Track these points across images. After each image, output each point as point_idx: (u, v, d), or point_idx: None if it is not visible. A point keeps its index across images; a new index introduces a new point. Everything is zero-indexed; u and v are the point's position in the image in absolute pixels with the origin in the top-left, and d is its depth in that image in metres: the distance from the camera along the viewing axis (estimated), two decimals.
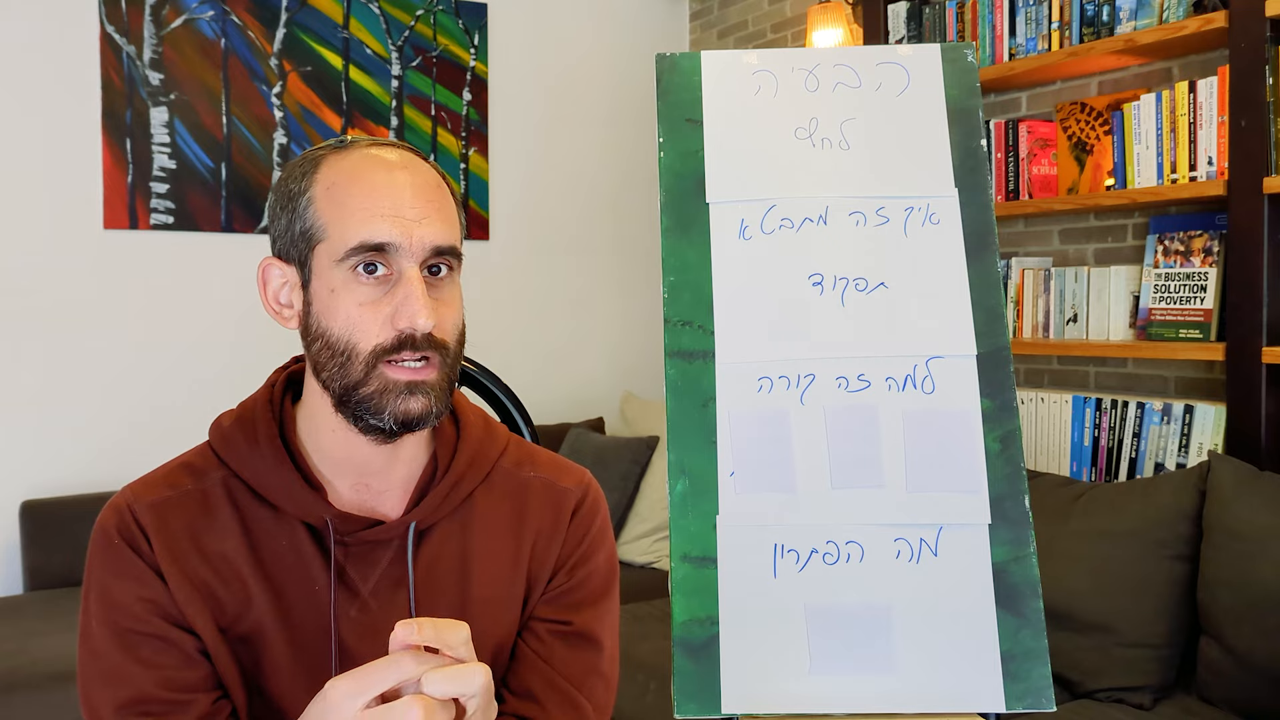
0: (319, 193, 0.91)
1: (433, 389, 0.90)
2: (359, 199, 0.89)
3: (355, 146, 0.93)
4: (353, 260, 0.88)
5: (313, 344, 0.92)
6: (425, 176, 0.93)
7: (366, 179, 0.90)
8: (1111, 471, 2.51)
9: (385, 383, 0.88)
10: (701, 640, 0.98)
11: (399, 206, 0.89)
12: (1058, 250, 2.82)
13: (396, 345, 0.88)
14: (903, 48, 1.14)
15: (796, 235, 1.07)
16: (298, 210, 0.91)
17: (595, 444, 3.56)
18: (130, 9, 3.19)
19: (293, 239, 0.92)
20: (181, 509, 0.94)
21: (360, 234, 0.88)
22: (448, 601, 0.97)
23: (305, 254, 0.91)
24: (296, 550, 0.94)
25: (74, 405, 3.14)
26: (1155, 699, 2.03)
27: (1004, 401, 1.02)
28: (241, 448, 0.95)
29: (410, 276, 0.88)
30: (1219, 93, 2.28)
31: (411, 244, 0.88)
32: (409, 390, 0.89)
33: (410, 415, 0.89)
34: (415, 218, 0.89)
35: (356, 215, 0.88)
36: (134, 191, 3.21)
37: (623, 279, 4.14)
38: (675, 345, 1.04)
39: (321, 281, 0.90)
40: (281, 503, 0.93)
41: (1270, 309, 2.21)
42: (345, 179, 0.90)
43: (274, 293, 0.95)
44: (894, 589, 0.98)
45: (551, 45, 3.98)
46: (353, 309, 0.88)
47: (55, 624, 2.62)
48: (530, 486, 1.03)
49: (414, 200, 0.90)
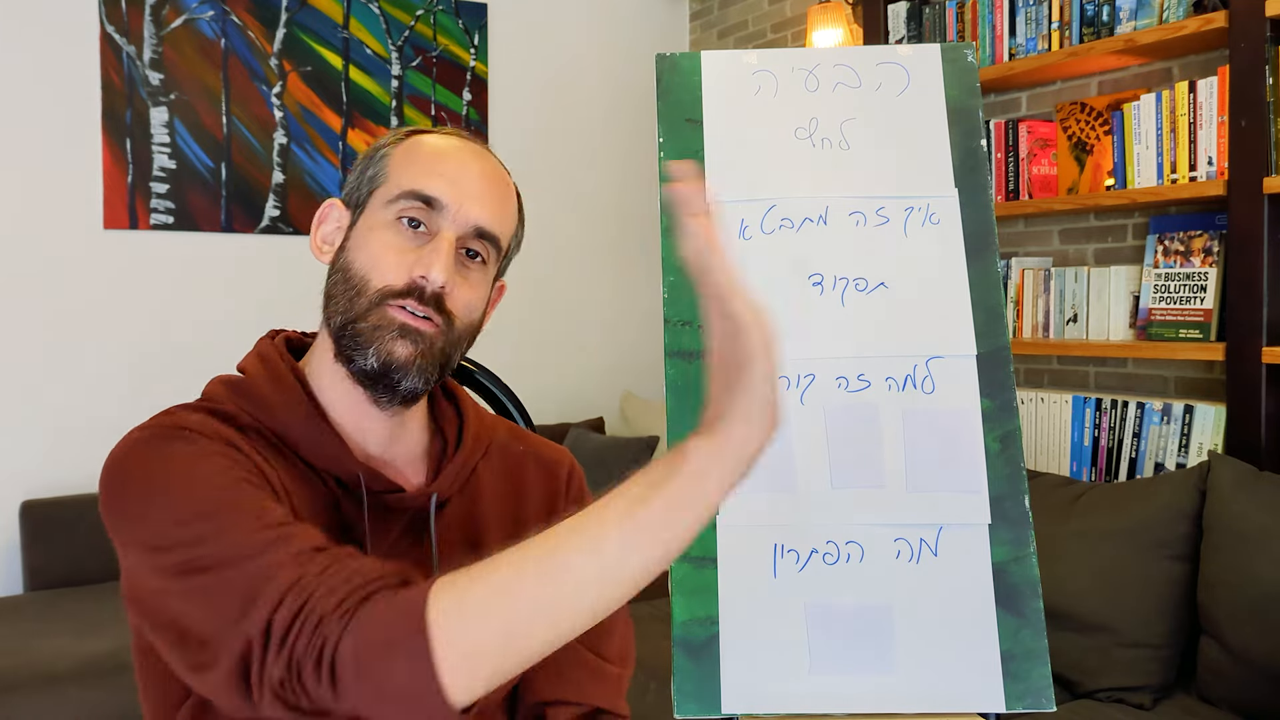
0: (400, 149, 0.96)
1: (424, 343, 0.90)
2: (428, 158, 0.94)
3: (452, 133, 0.99)
4: (400, 205, 0.92)
5: (333, 275, 0.94)
6: (497, 171, 0.98)
7: (444, 150, 0.96)
8: (1111, 471, 2.51)
9: (382, 319, 0.90)
10: (701, 640, 0.98)
11: (460, 176, 0.93)
12: (1058, 250, 2.82)
13: (405, 290, 0.90)
14: (903, 48, 1.14)
15: (796, 235, 1.07)
16: (374, 160, 0.97)
17: (595, 444, 3.56)
18: (130, 9, 3.19)
19: (360, 183, 0.97)
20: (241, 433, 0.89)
21: (416, 182, 0.92)
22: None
23: (365, 197, 0.96)
24: (317, 505, 0.90)
25: (74, 405, 3.14)
26: (1155, 699, 2.03)
27: (1004, 401, 1.02)
28: (266, 396, 0.92)
29: (444, 236, 0.91)
30: (1219, 93, 2.28)
31: (457, 212, 0.92)
32: (401, 333, 0.89)
33: (394, 357, 0.89)
34: (471, 192, 0.93)
35: (420, 168, 0.93)
36: (134, 191, 3.21)
37: (623, 279, 4.13)
38: (675, 345, 1.04)
39: (366, 220, 0.94)
40: (312, 455, 0.91)
41: (1270, 309, 2.21)
42: (427, 143, 0.96)
43: (324, 232, 0.98)
44: (894, 589, 0.98)
45: (551, 45, 3.98)
46: (380, 249, 0.91)
47: (55, 624, 2.62)
48: (524, 460, 1.07)
49: (477, 178, 0.95)
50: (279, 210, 3.43)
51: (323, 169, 3.50)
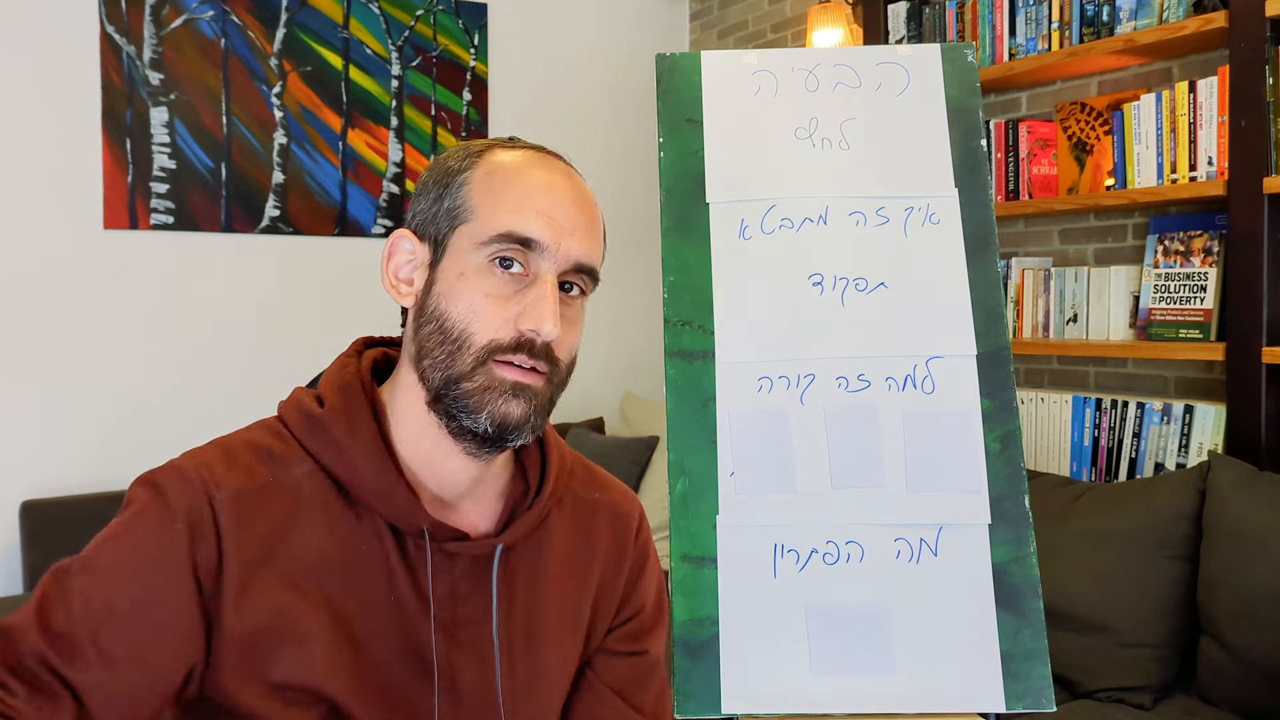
0: (478, 175, 0.88)
1: (536, 398, 0.86)
2: (518, 190, 0.86)
3: (520, 145, 0.92)
4: (494, 248, 0.84)
5: (424, 326, 0.87)
6: (584, 191, 0.91)
7: (530, 174, 0.88)
8: (1111, 471, 2.51)
9: (491, 379, 0.84)
10: (701, 640, 0.98)
11: (555, 209, 0.86)
12: (1058, 250, 2.82)
13: (514, 345, 0.84)
14: (903, 48, 1.14)
15: (796, 235, 1.07)
16: (450, 188, 0.88)
17: (595, 444, 3.56)
18: (130, 9, 3.19)
19: (436, 215, 0.88)
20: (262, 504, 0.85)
21: (511, 223, 0.84)
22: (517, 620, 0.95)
23: (445, 233, 0.87)
24: (380, 553, 0.88)
25: (74, 405, 3.14)
26: (1155, 699, 2.03)
27: (1004, 401, 1.02)
28: (341, 439, 0.87)
29: (546, 280, 0.85)
30: (1219, 93, 2.28)
31: (558, 250, 0.86)
32: (514, 392, 0.84)
33: (509, 419, 0.84)
34: (568, 226, 0.87)
35: (511, 204, 0.85)
36: (134, 191, 3.21)
37: (623, 279, 4.13)
38: (675, 345, 1.04)
39: (454, 263, 0.86)
40: (378, 505, 0.87)
41: (1270, 309, 2.21)
42: (508, 169, 0.88)
43: (397, 266, 0.90)
44: (894, 589, 0.98)
45: (551, 45, 3.98)
46: (478, 297, 0.84)
47: None
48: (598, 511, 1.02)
49: (571, 208, 0.87)
50: (279, 210, 3.43)
51: (323, 169, 3.50)
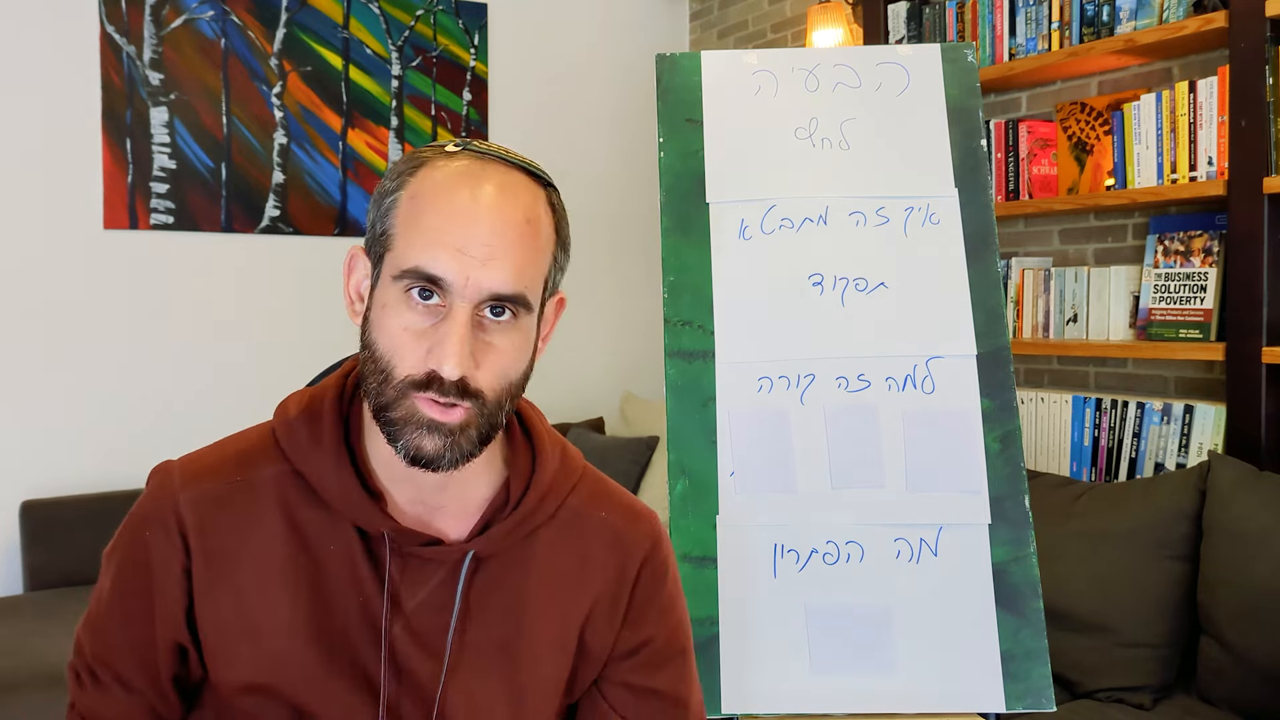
0: (404, 199, 0.86)
1: (454, 433, 0.84)
2: (431, 219, 0.84)
3: (460, 155, 0.88)
4: (407, 282, 0.84)
5: (364, 350, 0.89)
6: (514, 212, 0.85)
7: (448, 201, 0.84)
8: (1111, 471, 2.51)
9: (409, 412, 0.84)
10: (701, 640, 0.98)
11: (467, 241, 0.83)
12: (1058, 250, 2.82)
13: (426, 381, 0.83)
14: (903, 48, 1.14)
15: (797, 235, 1.07)
16: (382, 208, 0.88)
17: (595, 444, 3.56)
18: (130, 9, 3.19)
19: (374, 238, 0.89)
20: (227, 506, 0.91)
21: (418, 259, 0.83)
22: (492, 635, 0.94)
23: (379, 256, 0.88)
24: (346, 555, 0.91)
25: (74, 405, 3.14)
26: (1155, 699, 2.03)
27: (1004, 401, 1.02)
28: (304, 443, 0.91)
29: (456, 318, 0.83)
30: (1219, 93, 2.28)
31: (466, 286, 0.83)
32: (428, 428, 0.84)
33: (421, 453, 0.84)
34: (481, 258, 0.83)
35: (424, 237, 0.84)
36: (134, 191, 3.21)
37: (623, 279, 4.13)
38: (675, 345, 1.04)
39: (381, 291, 0.87)
40: (340, 507, 0.90)
41: (1270, 309, 2.21)
42: (430, 192, 0.85)
43: (355, 283, 0.92)
44: (894, 589, 0.98)
45: (552, 45, 3.98)
46: (397, 331, 0.84)
47: (55, 624, 2.62)
48: (599, 533, 0.98)
49: (488, 237, 0.83)
50: (279, 210, 3.43)
51: (323, 169, 3.50)
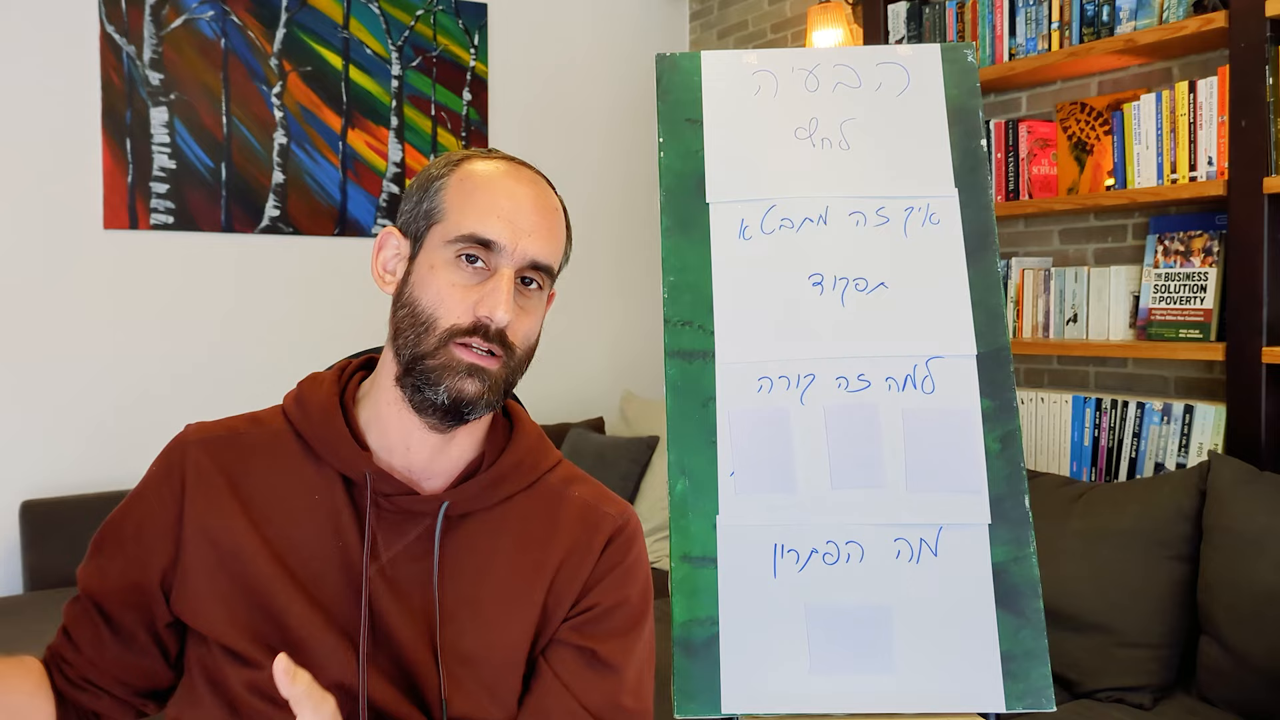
0: (453, 182, 1.00)
1: (490, 379, 0.96)
2: (485, 196, 0.98)
3: (495, 156, 1.03)
4: (459, 245, 0.96)
5: (400, 309, 0.99)
6: (548, 199, 1.02)
7: (498, 182, 0.99)
8: (1111, 471, 2.51)
9: (450, 359, 0.95)
10: (701, 640, 0.98)
11: (516, 214, 0.98)
12: (1058, 250, 2.82)
13: (471, 329, 0.95)
14: (903, 48, 1.14)
15: (796, 235, 1.07)
16: (429, 192, 1.01)
17: (595, 444, 3.56)
18: (130, 9, 3.19)
19: (416, 215, 1.01)
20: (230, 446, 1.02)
21: (475, 225, 0.97)
22: (462, 589, 1.00)
23: (423, 230, 1.00)
24: (330, 501, 0.99)
25: (74, 405, 3.14)
26: (1155, 699, 2.03)
27: (1004, 401, 1.02)
28: (304, 402, 1.03)
29: (503, 275, 0.96)
30: (1219, 93, 2.28)
31: (515, 250, 0.97)
32: (469, 372, 0.95)
33: (464, 395, 0.95)
34: (527, 229, 0.98)
35: (477, 208, 0.97)
36: (134, 191, 3.21)
37: (623, 279, 4.13)
38: (675, 345, 1.04)
39: (427, 256, 0.98)
40: (325, 452, 1.00)
41: (1270, 309, 2.21)
42: (479, 177, 1.00)
43: (384, 259, 1.03)
44: (894, 589, 0.98)
45: (551, 45, 3.98)
46: (445, 287, 0.96)
47: (55, 624, 2.60)
48: (572, 506, 1.06)
49: (531, 213, 0.99)
50: (279, 210, 3.43)
51: (323, 169, 3.50)
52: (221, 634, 0.96)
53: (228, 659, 0.96)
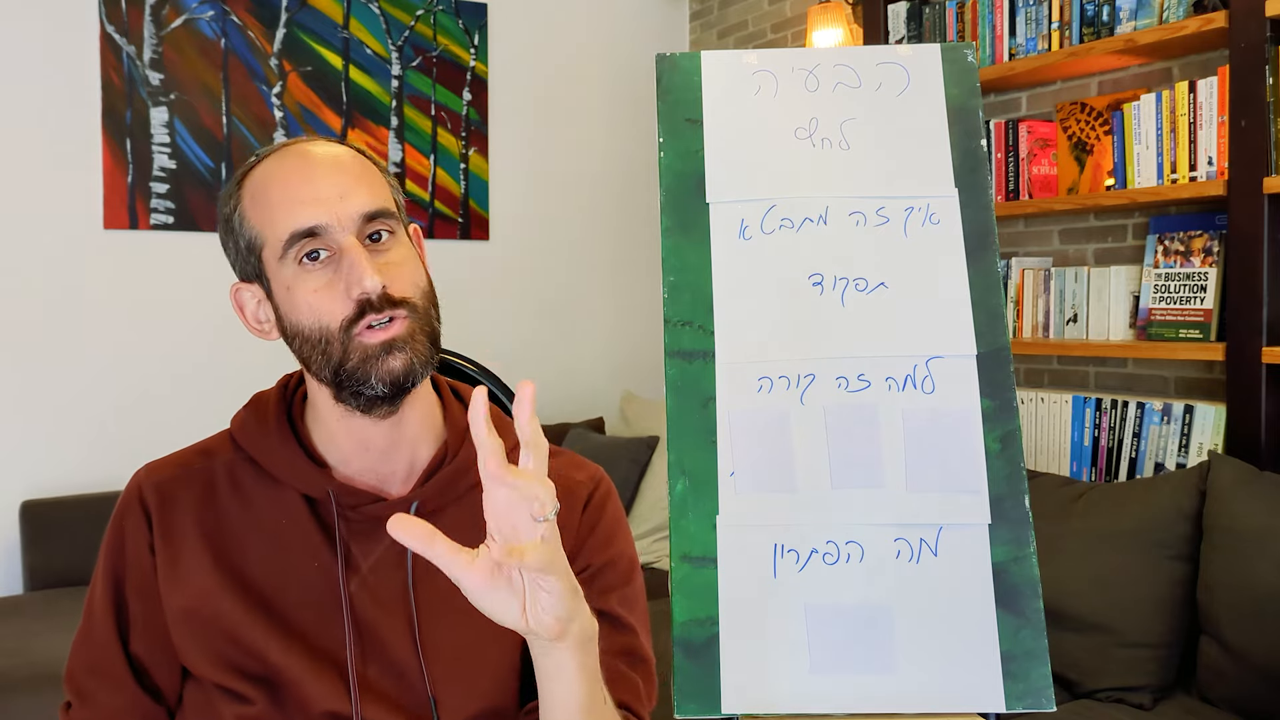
0: (246, 204, 0.96)
1: (407, 343, 0.93)
2: (278, 194, 0.93)
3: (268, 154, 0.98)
4: (293, 252, 0.92)
5: (293, 342, 0.96)
6: (342, 153, 0.97)
7: (280, 175, 0.95)
8: (1111, 471, 2.51)
9: (363, 350, 0.92)
10: (701, 640, 0.98)
11: (317, 190, 0.93)
12: (1058, 250, 2.82)
13: (358, 313, 0.92)
14: (903, 48, 1.14)
15: (796, 235, 1.07)
16: (235, 229, 0.97)
17: (595, 444, 3.56)
18: (130, 9, 3.19)
19: (242, 256, 0.97)
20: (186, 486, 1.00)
21: (288, 223, 0.92)
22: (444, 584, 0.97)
23: (257, 265, 0.96)
24: (298, 525, 0.97)
25: (74, 405, 3.14)
26: (1155, 699, 2.03)
27: (1004, 401, 1.02)
28: (251, 428, 1.01)
29: (349, 246, 0.92)
30: (1219, 93, 2.28)
31: (339, 219, 0.92)
32: (386, 350, 0.92)
33: (394, 373, 0.92)
34: (336, 195, 0.93)
35: (279, 208, 0.93)
36: (134, 191, 3.21)
37: (623, 279, 4.13)
38: (675, 345, 1.04)
39: (278, 282, 0.95)
40: (283, 475, 0.98)
41: (1270, 309, 2.21)
42: (263, 182, 0.95)
43: (252, 313, 1.00)
44: (894, 589, 0.98)
45: (551, 45, 3.98)
46: (310, 296, 0.92)
47: (55, 624, 2.62)
48: None
49: (330, 178, 0.94)
50: None
51: None
52: (207, 674, 0.95)
53: (220, 695, 0.95)
